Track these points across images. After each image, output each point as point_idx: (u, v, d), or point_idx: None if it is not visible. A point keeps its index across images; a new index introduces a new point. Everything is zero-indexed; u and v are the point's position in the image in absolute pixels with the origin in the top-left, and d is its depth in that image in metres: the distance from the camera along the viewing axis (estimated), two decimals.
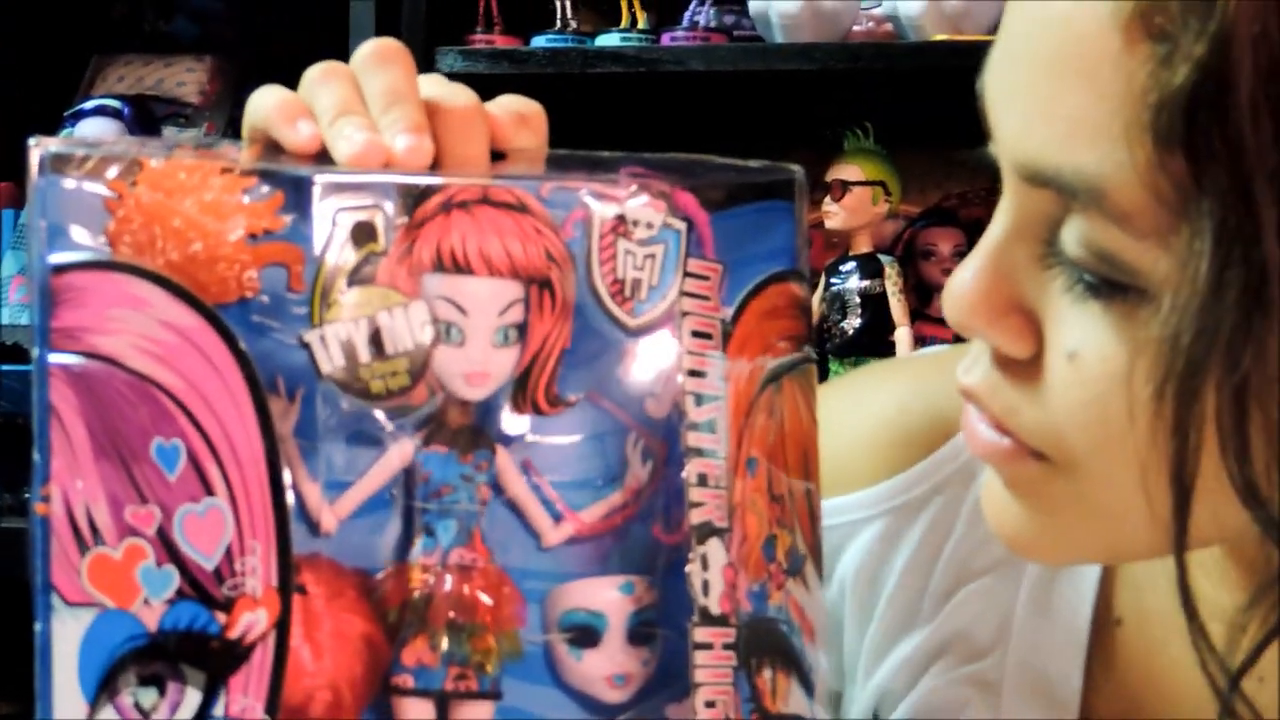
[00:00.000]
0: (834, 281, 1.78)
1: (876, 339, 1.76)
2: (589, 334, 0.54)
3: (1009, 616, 0.72)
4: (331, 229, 0.52)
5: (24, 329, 1.81)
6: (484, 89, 0.59)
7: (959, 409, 0.61)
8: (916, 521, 0.74)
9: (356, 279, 0.52)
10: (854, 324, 1.76)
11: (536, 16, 1.82)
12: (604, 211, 0.54)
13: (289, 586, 0.51)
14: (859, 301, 1.76)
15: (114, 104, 1.87)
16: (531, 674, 0.54)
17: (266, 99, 0.57)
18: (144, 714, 0.50)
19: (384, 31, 1.69)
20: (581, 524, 0.54)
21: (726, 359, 0.56)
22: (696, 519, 0.55)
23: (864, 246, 1.78)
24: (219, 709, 0.50)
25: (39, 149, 0.51)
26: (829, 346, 1.76)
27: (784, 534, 0.57)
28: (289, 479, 0.51)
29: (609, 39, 1.78)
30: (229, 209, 0.52)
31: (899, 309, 1.76)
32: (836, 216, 1.76)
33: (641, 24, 1.83)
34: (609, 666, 0.54)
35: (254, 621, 0.51)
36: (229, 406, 0.51)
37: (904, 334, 1.75)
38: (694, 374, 0.55)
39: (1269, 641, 0.54)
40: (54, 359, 0.50)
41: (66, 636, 0.50)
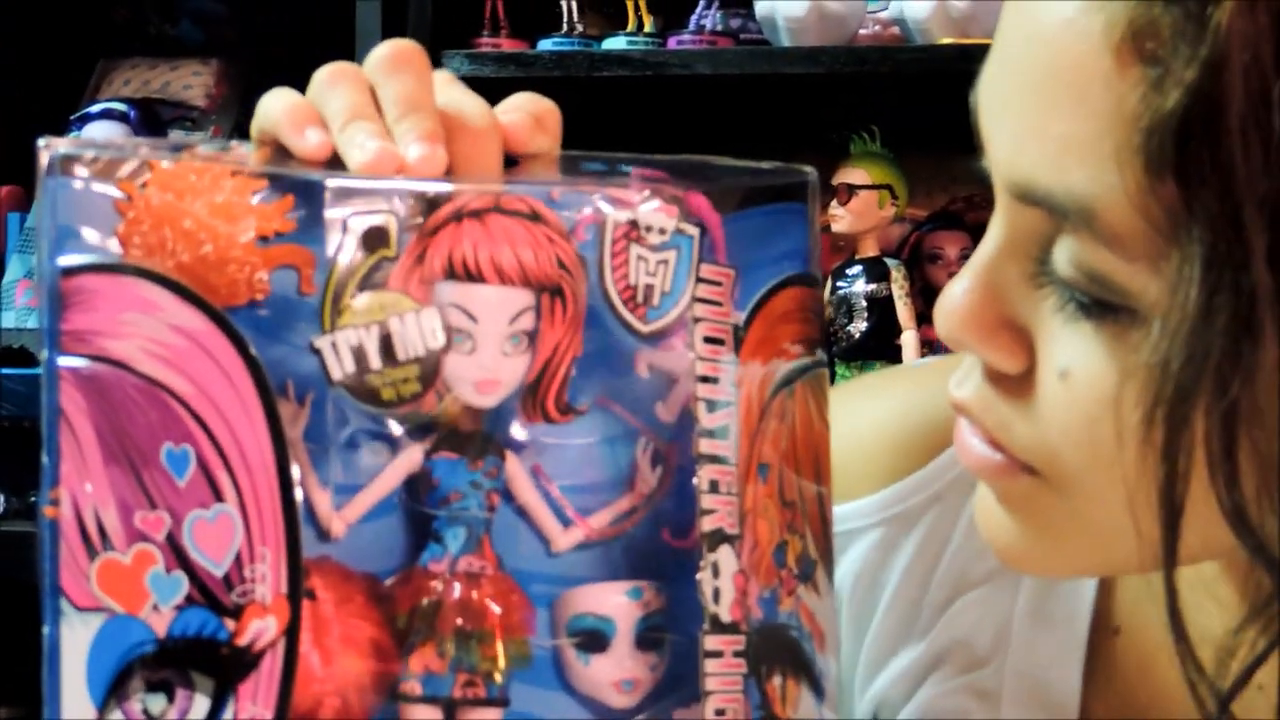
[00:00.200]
0: (840, 285, 1.77)
1: (883, 342, 1.75)
2: (601, 340, 0.54)
3: (1007, 625, 0.72)
4: (343, 234, 0.52)
5: (30, 332, 1.80)
6: (490, 92, 0.58)
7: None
8: (914, 530, 0.74)
9: (368, 284, 0.52)
10: (860, 327, 1.76)
11: (543, 20, 1.82)
12: (616, 216, 0.54)
13: (298, 593, 0.51)
14: (865, 305, 1.76)
15: (120, 107, 1.87)
16: (540, 679, 0.53)
17: (275, 104, 0.56)
18: None
19: (390, 34, 1.69)
20: (590, 529, 0.54)
21: (738, 363, 0.56)
22: (708, 526, 0.55)
23: (870, 250, 1.78)
24: (228, 715, 0.50)
25: (48, 150, 0.51)
26: (835, 350, 1.76)
27: (795, 539, 0.57)
28: (298, 482, 0.51)
29: (615, 42, 1.78)
30: (240, 211, 0.51)
31: (905, 312, 1.75)
32: (843, 220, 1.76)
33: (648, 27, 1.82)
34: (617, 672, 0.54)
35: (263, 629, 0.51)
36: (239, 412, 0.51)
37: (910, 337, 1.75)
38: (706, 380, 0.55)
39: (1258, 665, 0.54)
40: (63, 362, 0.50)
41: (75, 641, 0.50)
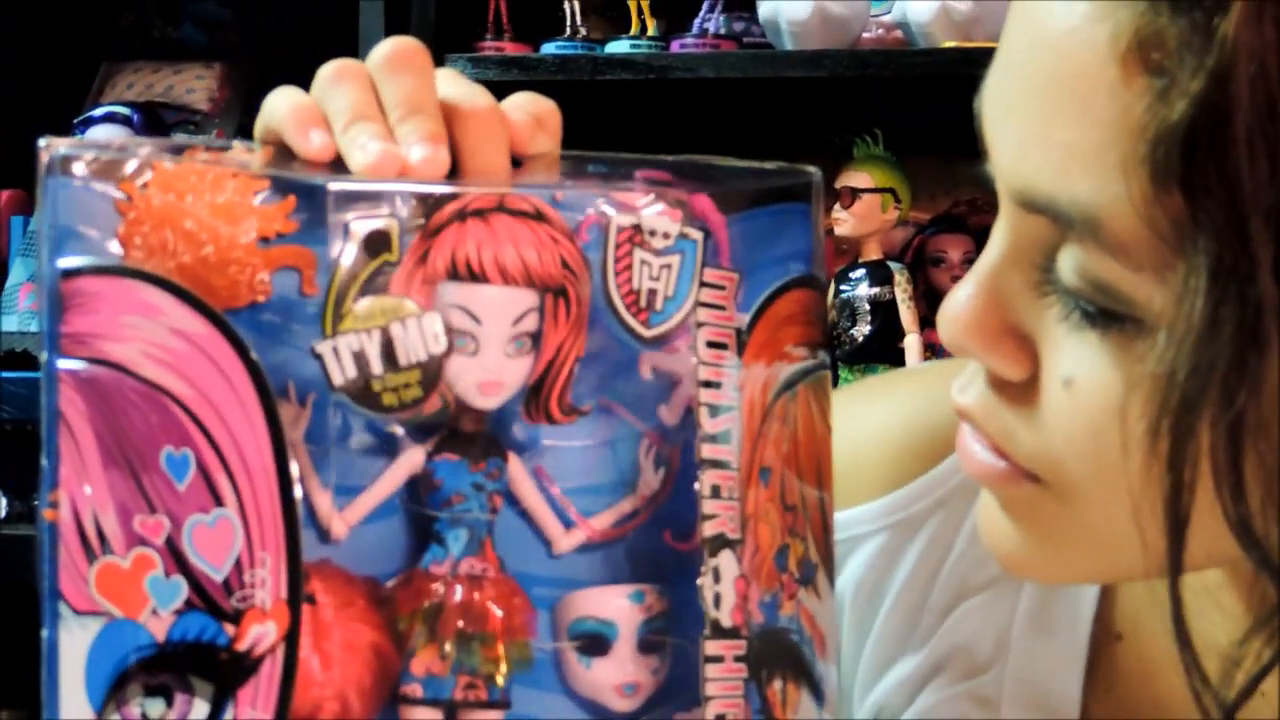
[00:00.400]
0: (844, 288, 1.77)
1: (886, 346, 1.76)
2: (603, 344, 0.54)
3: (1007, 632, 0.72)
4: (345, 238, 0.51)
5: (32, 336, 1.81)
6: (494, 96, 0.58)
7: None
8: (917, 537, 0.74)
9: (370, 289, 0.52)
10: (864, 331, 1.76)
11: (546, 23, 1.82)
12: (620, 220, 0.54)
13: (299, 598, 0.51)
14: (869, 308, 1.76)
15: (123, 111, 1.88)
16: (541, 682, 0.53)
17: (280, 103, 0.56)
18: None
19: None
20: (592, 531, 0.54)
21: (741, 366, 0.56)
22: (709, 531, 0.55)
23: (873, 253, 1.78)
24: (227, 719, 0.50)
25: (48, 150, 0.51)
26: (839, 353, 1.76)
27: (796, 543, 0.57)
28: (299, 485, 0.51)
29: (618, 46, 1.78)
30: (241, 212, 0.51)
31: (909, 316, 1.75)
32: (846, 223, 1.76)
33: (651, 31, 1.83)
34: (618, 675, 0.54)
35: (263, 634, 0.50)
36: (239, 417, 0.51)
37: (913, 341, 1.75)
38: (708, 385, 0.55)
39: (1263, 676, 0.54)
40: (63, 364, 0.50)
41: (73, 645, 0.49)
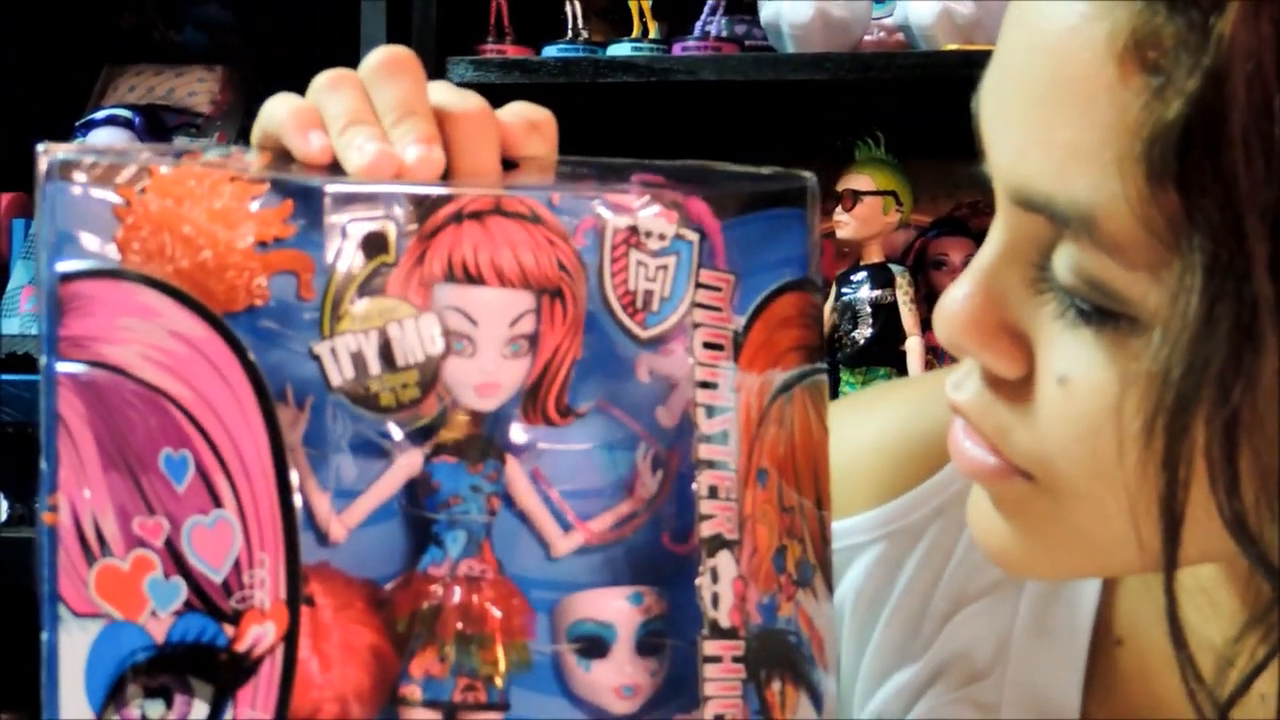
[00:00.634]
0: (845, 291, 1.77)
1: (888, 349, 1.75)
2: (600, 345, 0.54)
3: (1007, 638, 0.71)
4: (342, 240, 0.52)
5: (34, 339, 1.79)
6: (495, 98, 0.58)
7: None
8: (918, 545, 0.74)
9: (367, 290, 0.52)
10: (865, 334, 1.76)
11: (548, 26, 1.82)
12: (616, 221, 0.54)
13: (297, 599, 0.51)
14: (870, 311, 1.76)
15: (125, 114, 1.87)
16: (540, 684, 0.53)
17: (280, 107, 0.57)
18: None
19: (395, 41, 1.68)
20: (591, 533, 0.54)
21: (737, 369, 0.56)
22: (707, 531, 0.55)
23: (875, 256, 1.78)
24: None
25: (47, 155, 0.51)
26: (840, 356, 1.76)
27: (794, 545, 0.57)
28: (298, 488, 0.51)
29: (620, 48, 1.78)
30: (239, 216, 0.51)
31: (910, 319, 1.75)
32: (847, 226, 1.76)
33: (653, 33, 1.83)
34: (617, 677, 0.54)
35: (262, 635, 0.51)
36: (238, 418, 0.51)
37: (915, 344, 1.75)
38: (705, 386, 0.55)
39: (1258, 673, 0.54)
40: (62, 368, 0.50)
41: (73, 647, 0.50)
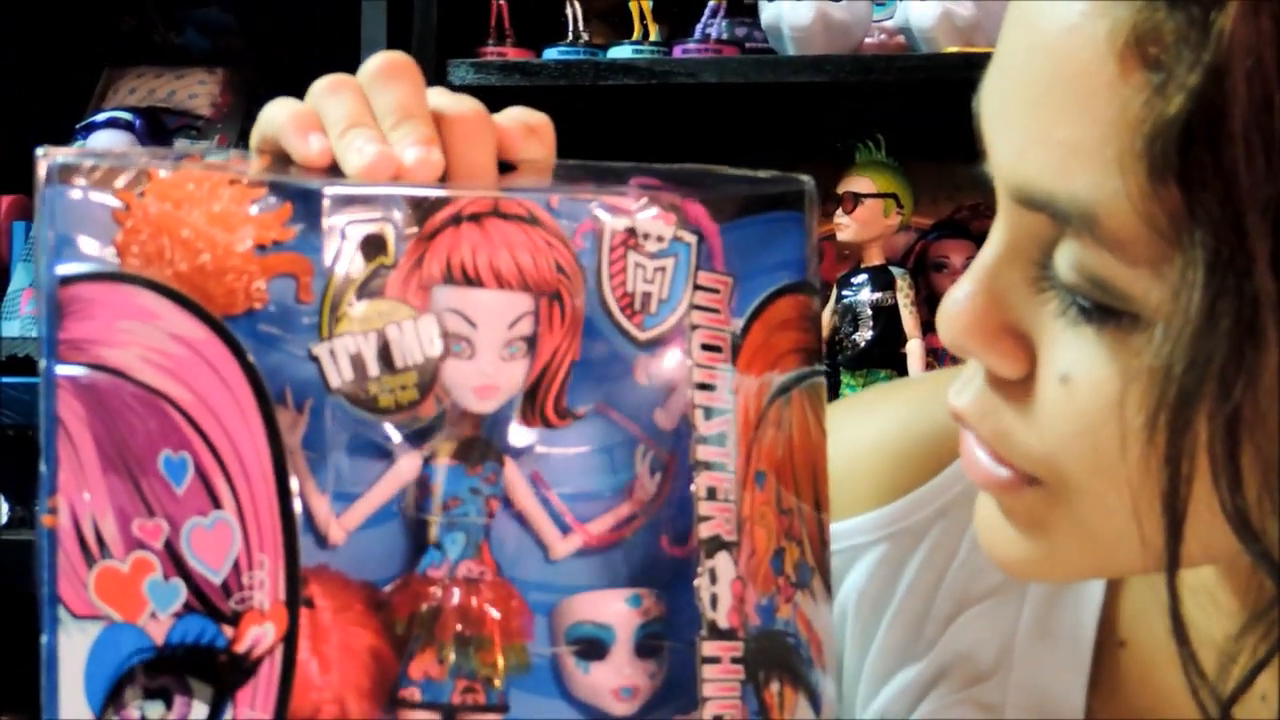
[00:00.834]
0: (845, 294, 1.77)
1: (888, 351, 1.75)
2: (599, 347, 0.54)
3: (1010, 640, 0.71)
4: (341, 241, 0.52)
5: (34, 341, 1.79)
6: (496, 101, 0.59)
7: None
8: (920, 546, 0.74)
9: (366, 292, 0.52)
10: (866, 336, 1.76)
11: (548, 29, 1.82)
12: (614, 224, 0.54)
13: (297, 600, 0.51)
14: (871, 314, 1.76)
15: (125, 116, 1.87)
16: (539, 686, 0.53)
17: (279, 111, 0.57)
18: None
19: (396, 44, 1.69)
20: (589, 536, 0.54)
21: (736, 371, 0.56)
22: (705, 533, 0.55)
23: (876, 259, 1.78)
24: None
25: (46, 159, 0.51)
26: (841, 359, 1.76)
27: (792, 547, 0.57)
28: (297, 490, 0.51)
29: (621, 51, 1.78)
30: (237, 220, 0.51)
31: (911, 321, 1.75)
32: (848, 229, 1.76)
33: (653, 36, 1.82)
34: (616, 679, 0.54)
35: (261, 635, 0.51)
36: (237, 420, 0.51)
37: (916, 346, 1.75)
38: (703, 387, 0.55)
39: (1259, 670, 0.54)
40: (61, 371, 0.50)
41: (73, 649, 0.50)
